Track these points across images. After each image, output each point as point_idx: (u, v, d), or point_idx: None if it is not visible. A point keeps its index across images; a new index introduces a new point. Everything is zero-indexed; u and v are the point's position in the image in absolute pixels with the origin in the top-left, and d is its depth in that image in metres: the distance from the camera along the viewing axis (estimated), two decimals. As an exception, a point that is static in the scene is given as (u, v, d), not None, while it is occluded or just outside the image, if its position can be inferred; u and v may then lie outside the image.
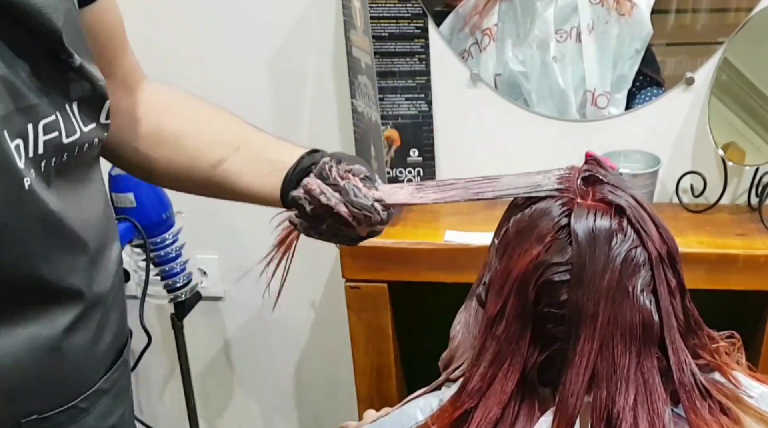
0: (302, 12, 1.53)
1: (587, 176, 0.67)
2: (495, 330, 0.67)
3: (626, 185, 0.68)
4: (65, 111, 0.73)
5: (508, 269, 0.66)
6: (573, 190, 0.66)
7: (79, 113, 0.75)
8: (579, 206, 0.65)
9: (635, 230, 0.65)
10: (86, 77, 0.74)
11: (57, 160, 0.73)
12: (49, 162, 0.72)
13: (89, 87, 0.75)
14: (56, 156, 0.73)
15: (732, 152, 1.44)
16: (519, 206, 0.69)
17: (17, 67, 0.67)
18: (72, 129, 0.74)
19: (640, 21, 1.43)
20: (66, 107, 0.73)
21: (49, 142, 0.71)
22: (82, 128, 0.75)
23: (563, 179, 0.67)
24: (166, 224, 1.52)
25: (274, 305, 0.81)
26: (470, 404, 0.67)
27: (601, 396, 0.64)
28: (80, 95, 0.75)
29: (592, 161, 0.69)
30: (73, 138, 0.74)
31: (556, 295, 0.64)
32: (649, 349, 0.65)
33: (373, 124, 1.45)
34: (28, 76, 0.69)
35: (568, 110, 1.50)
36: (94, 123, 0.77)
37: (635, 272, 0.64)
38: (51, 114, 0.71)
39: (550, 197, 0.67)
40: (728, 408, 0.67)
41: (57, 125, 0.72)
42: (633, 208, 0.65)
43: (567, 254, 0.64)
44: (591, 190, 0.66)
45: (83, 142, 0.76)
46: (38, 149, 0.70)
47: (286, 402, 1.96)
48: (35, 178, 0.70)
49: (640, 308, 0.64)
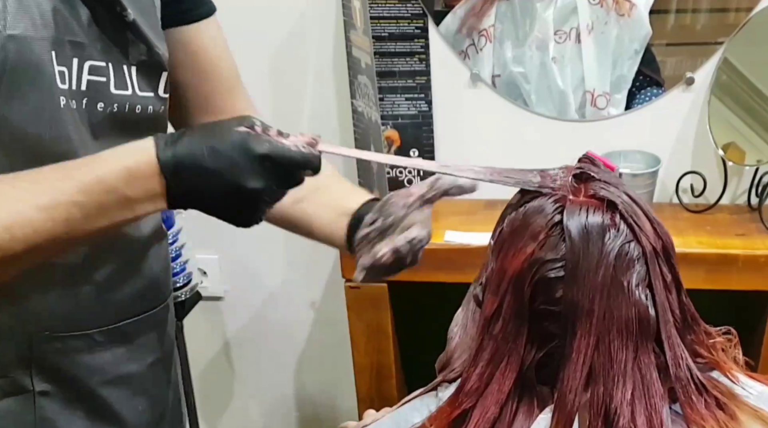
0: (302, 12, 1.53)
1: (579, 173, 0.68)
2: (492, 329, 0.67)
3: (619, 182, 0.68)
4: (120, 68, 0.78)
5: (504, 268, 0.66)
6: (565, 187, 0.67)
7: (136, 77, 0.80)
8: (571, 202, 0.65)
9: (628, 225, 0.65)
10: (143, 39, 0.79)
11: (105, 106, 0.77)
12: (92, 103, 0.76)
13: (145, 50, 0.80)
14: (103, 101, 0.77)
15: (732, 152, 1.44)
16: (512, 205, 0.69)
17: (77, 6, 0.74)
18: (123, 84, 0.78)
19: (639, 21, 1.43)
20: (124, 67, 0.78)
21: (94, 83, 0.76)
22: (137, 90, 0.80)
23: (555, 177, 0.68)
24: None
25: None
26: (468, 404, 0.67)
27: (598, 391, 0.64)
28: (138, 59, 0.80)
29: (585, 159, 0.69)
30: (123, 92, 0.78)
31: (552, 292, 0.64)
32: (645, 344, 0.65)
33: (373, 124, 1.45)
34: (87, 20, 0.75)
35: (568, 110, 1.50)
36: (151, 92, 0.82)
37: (629, 266, 0.64)
38: (101, 60, 0.76)
39: (542, 195, 0.67)
40: (724, 404, 0.67)
41: (106, 71, 0.77)
42: (625, 203, 0.65)
43: (561, 251, 0.64)
44: (583, 187, 0.67)
45: (135, 103, 0.80)
46: (81, 84, 0.75)
47: (286, 402, 1.96)
48: (72, 109, 0.74)
49: (635, 303, 0.64)
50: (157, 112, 0.83)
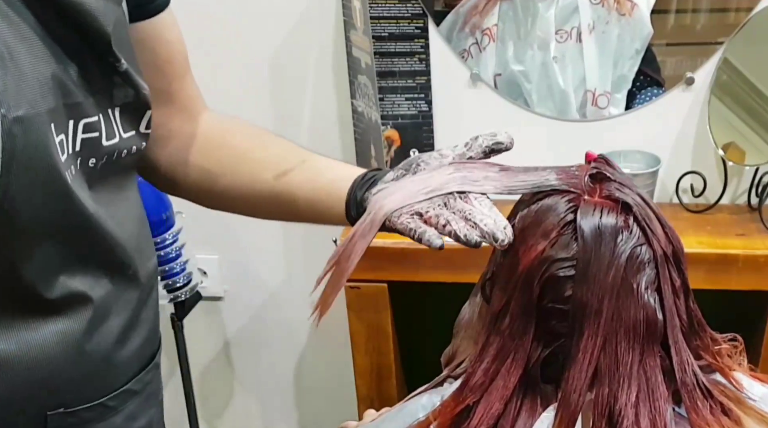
0: (302, 12, 1.53)
1: (595, 173, 0.67)
2: (499, 326, 0.67)
3: (633, 184, 0.68)
4: (108, 116, 0.75)
5: (513, 264, 0.66)
6: (580, 187, 0.67)
7: (120, 119, 0.77)
8: (585, 202, 0.65)
9: (641, 228, 0.65)
10: (131, 83, 0.76)
11: (97, 162, 0.75)
12: (85, 161, 0.74)
13: (132, 93, 0.77)
14: (95, 157, 0.74)
15: (732, 152, 1.44)
16: (525, 201, 0.69)
17: (67, 65, 0.70)
18: (112, 133, 0.76)
19: (641, 21, 1.43)
20: (109, 111, 0.75)
21: (87, 141, 0.73)
22: (122, 133, 0.77)
23: (571, 176, 0.67)
24: (166, 224, 1.52)
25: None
26: (472, 399, 0.67)
27: (603, 392, 0.64)
28: (123, 101, 0.77)
29: (601, 160, 0.69)
30: (112, 142, 0.76)
31: (561, 291, 0.64)
32: (652, 347, 0.65)
33: (373, 124, 1.45)
34: (77, 75, 0.71)
35: (569, 110, 1.50)
36: (133, 131, 0.79)
37: (640, 269, 0.64)
38: (94, 115, 0.73)
39: (556, 193, 0.67)
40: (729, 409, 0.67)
41: (98, 125, 0.74)
42: (639, 206, 0.65)
43: (572, 250, 0.64)
44: (598, 187, 0.67)
45: (121, 148, 0.78)
46: (75, 146, 0.72)
47: (286, 402, 1.96)
48: (74, 176, 0.72)
49: (643, 306, 0.64)
50: (140, 149, 0.81)
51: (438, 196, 0.68)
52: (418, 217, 0.68)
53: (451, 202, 0.67)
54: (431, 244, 0.66)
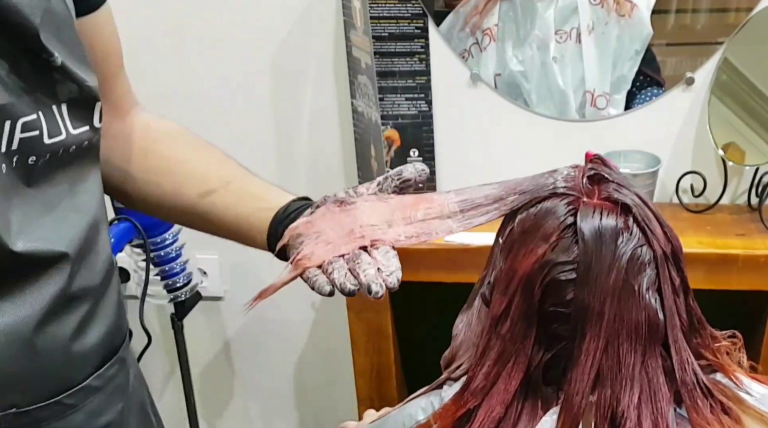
0: (302, 12, 1.53)
1: (592, 174, 0.67)
2: (500, 329, 0.67)
3: (630, 184, 0.68)
4: (51, 112, 0.73)
5: (514, 268, 0.66)
6: (578, 189, 0.66)
7: (68, 115, 0.75)
8: (585, 204, 0.65)
9: (641, 228, 0.65)
10: (72, 78, 0.74)
11: (38, 159, 0.73)
12: (25, 159, 0.72)
13: (76, 88, 0.75)
14: (35, 155, 0.72)
15: (732, 152, 1.44)
16: (524, 205, 0.69)
17: None
18: (56, 130, 0.74)
19: (640, 22, 1.43)
20: (54, 108, 0.74)
21: (27, 140, 0.71)
22: (70, 130, 0.75)
23: (568, 178, 0.67)
24: (166, 224, 1.52)
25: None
26: (474, 403, 0.67)
27: (605, 394, 0.64)
28: (69, 97, 0.75)
29: (597, 160, 0.69)
30: (57, 139, 0.74)
31: (562, 294, 0.64)
32: (653, 348, 0.65)
33: (373, 124, 1.45)
34: (7, 74, 0.69)
35: (568, 110, 1.50)
36: (86, 126, 0.77)
37: (641, 270, 0.64)
38: (32, 113, 0.71)
39: (555, 196, 0.66)
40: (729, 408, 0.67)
41: (38, 124, 0.72)
42: (638, 206, 0.65)
43: (573, 253, 0.64)
44: (596, 189, 0.66)
45: (70, 144, 0.76)
46: (12, 145, 0.70)
47: (286, 402, 1.96)
48: (6, 175, 0.70)
49: (645, 307, 0.64)
50: (92, 143, 0.79)
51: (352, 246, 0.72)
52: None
53: (357, 253, 0.71)
54: (321, 291, 0.71)
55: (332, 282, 0.70)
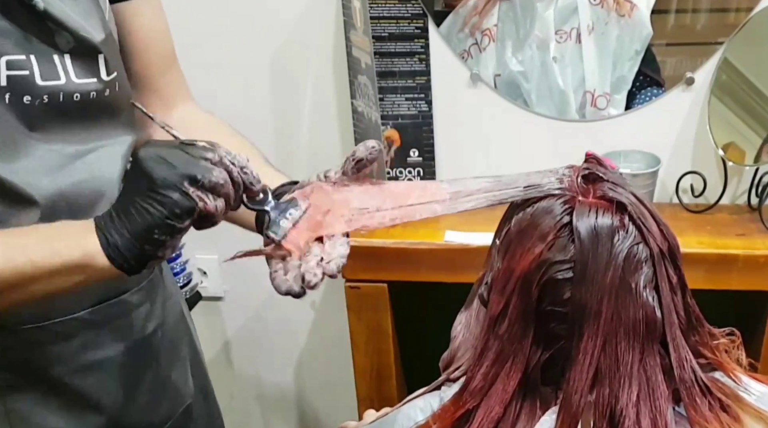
0: (302, 12, 1.53)
1: (587, 174, 0.68)
2: (498, 330, 0.67)
3: (625, 183, 0.68)
4: (48, 59, 0.76)
5: (511, 268, 0.66)
6: (574, 188, 0.67)
7: (72, 65, 0.78)
8: (580, 203, 0.65)
9: (637, 226, 0.65)
10: (64, 27, 0.77)
11: (34, 99, 0.76)
12: (18, 97, 0.75)
13: (71, 38, 0.78)
14: (30, 95, 0.75)
15: (732, 152, 1.44)
16: (520, 205, 0.69)
17: None
18: (53, 74, 0.77)
19: (640, 22, 1.43)
20: (54, 56, 0.77)
21: (15, 77, 0.74)
22: (72, 77, 0.78)
23: (564, 178, 0.68)
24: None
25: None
26: (472, 403, 0.67)
27: (604, 393, 0.64)
28: (69, 47, 0.78)
29: (592, 160, 0.69)
30: (53, 82, 0.77)
31: (560, 293, 0.64)
32: (651, 346, 0.65)
33: (373, 124, 1.45)
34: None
35: (568, 110, 1.50)
36: (93, 77, 0.80)
37: (638, 268, 0.64)
38: (19, 53, 0.75)
39: (551, 196, 0.67)
40: (728, 406, 0.67)
41: (27, 64, 0.75)
42: (634, 205, 0.65)
43: (569, 252, 0.64)
44: (591, 188, 0.67)
45: (71, 90, 0.78)
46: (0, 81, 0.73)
47: (286, 402, 1.96)
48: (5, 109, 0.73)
49: (643, 305, 0.64)
50: (102, 95, 0.82)
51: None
52: None
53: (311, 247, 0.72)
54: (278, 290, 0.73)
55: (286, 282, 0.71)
